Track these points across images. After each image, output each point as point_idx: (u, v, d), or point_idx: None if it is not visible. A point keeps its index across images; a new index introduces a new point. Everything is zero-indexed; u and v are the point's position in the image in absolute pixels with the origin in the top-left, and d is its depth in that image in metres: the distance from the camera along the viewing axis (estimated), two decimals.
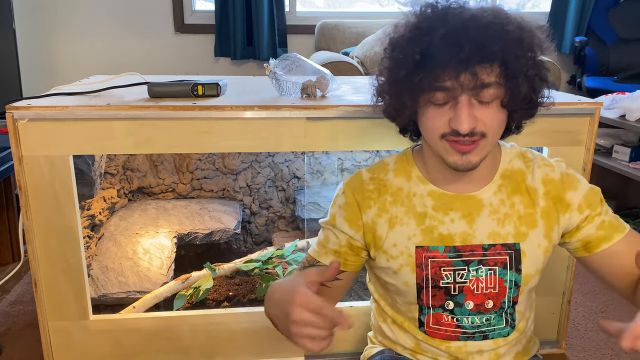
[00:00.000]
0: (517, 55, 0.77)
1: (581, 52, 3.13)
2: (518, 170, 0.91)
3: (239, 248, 2.07)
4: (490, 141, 0.81)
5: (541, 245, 0.89)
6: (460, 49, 0.73)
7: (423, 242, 0.89)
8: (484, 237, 0.88)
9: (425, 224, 0.89)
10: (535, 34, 0.80)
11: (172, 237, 1.77)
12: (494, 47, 0.74)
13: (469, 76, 0.75)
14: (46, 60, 3.12)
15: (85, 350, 1.33)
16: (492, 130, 0.80)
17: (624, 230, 0.90)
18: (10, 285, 1.86)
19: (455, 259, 0.88)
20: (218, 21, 3.10)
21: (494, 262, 0.88)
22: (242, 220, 2.00)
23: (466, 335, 0.91)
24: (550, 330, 1.47)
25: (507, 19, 0.78)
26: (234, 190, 2.03)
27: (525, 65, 0.78)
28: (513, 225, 0.89)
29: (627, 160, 1.94)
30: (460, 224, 0.88)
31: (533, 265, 0.89)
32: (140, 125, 1.19)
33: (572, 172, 0.92)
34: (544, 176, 0.90)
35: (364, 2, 3.45)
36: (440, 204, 0.89)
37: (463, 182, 0.89)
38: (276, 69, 1.32)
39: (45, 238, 1.24)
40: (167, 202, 1.95)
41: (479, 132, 0.78)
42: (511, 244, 0.88)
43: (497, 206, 0.89)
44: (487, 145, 0.81)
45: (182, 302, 1.57)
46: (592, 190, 0.91)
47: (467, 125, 0.76)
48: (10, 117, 1.15)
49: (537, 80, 0.81)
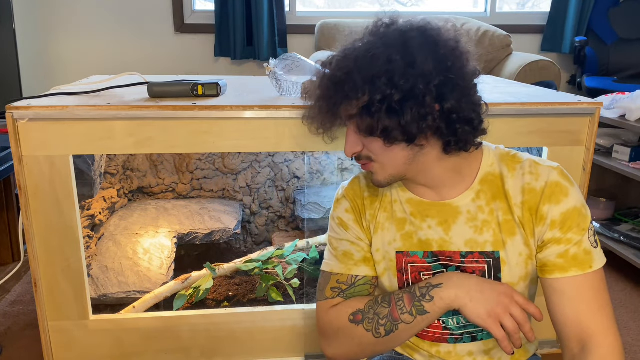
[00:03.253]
0: (379, 88, 0.77)
1: (581, 52, 3.13)
2: (499, 174, 0.87)
3: (239, 248, 2.07)
4: (384, 164, 0.84)
5: (523, 253, 0.86)
6: (328, 91, 0.83)
7: (403, 248, 0.90)
8: (461, 245, 0.87)
9: (404, 230, 0.90)
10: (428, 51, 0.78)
11: (172, 237, 1.76)
12: (352, 84, 0.79)
13: (343, 109, 0.83)
14: (46, 60, 3.12)
15: (85, 350, 1.33)
16: (377, 155, 0.84)
17: (585, 269, 0.81)
18: (10, 285, 1.86)
19: (434, 264, 0.88)
20: (218, 21, 3.10)
21: (472, 270, 0.87)
22: (242, 220, 2.00)
23: (454, 337, 0.90)
24: (550, 330, 1.47)
25: (388, 48, 0.78)
26: (234, 190, 2.03)
27: (391, 92, 0.77)
28: (492, 232, 0.86)
29: (627, 160, 1.94)
30: (437, 230, 0.88)
31: (514, 274, 0.86)
32: (140, 125, 1.19)
33: (566, 183, 0.84)
34: (525, 185, 0.85)
35: (364, 2, 3.45)
36: (417, 210, 0.89)
37: (438, 189, 0.88)
38: (276, 69, 1.32)
39: (45, 238, 1.24)
40: (167, 202, 1.95)
41: (364, 156, 0.85)
42: (489, 252, 0.86)
43: (475, 213, 0.87)
44: (383, 167, 0.85)
45: (182, 302, 1.57)
46: (577, 212, 0.83)
47: (347, 151, 0.85)
48: (10, 117, 1.15)
49: (407, 111, 0.77)
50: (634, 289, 1.90)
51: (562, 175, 0.85)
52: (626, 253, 1.91)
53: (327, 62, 0.85)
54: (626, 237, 1.99)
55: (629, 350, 1.54)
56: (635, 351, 1.53)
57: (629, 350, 1.54)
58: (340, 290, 0.93)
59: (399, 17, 0.83)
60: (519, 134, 1.30)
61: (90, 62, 3.14)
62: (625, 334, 1.61)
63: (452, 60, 0.79)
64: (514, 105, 1.28)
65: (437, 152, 0.84)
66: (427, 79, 0.77)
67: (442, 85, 0.78)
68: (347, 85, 0.79)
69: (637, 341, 1.58)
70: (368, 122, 0.79)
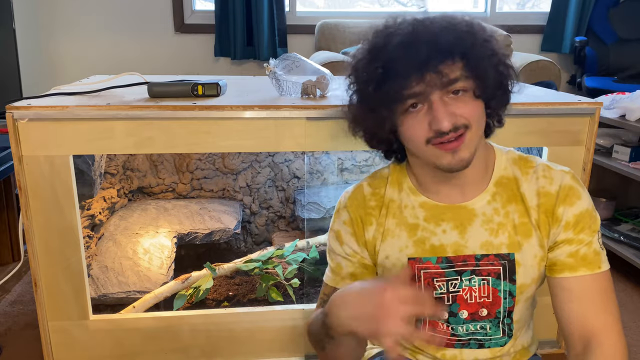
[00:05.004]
0: (473, 44, 0.78)
1: (581, 52, 3.13)
2: (513, 178, 0.88)
3: (239, 248, 2.07)
4: (475, 132, 0.80)
5: (537, 255, 0.87)
6: (417, 51, 0.74)
7: (415, 254, 0.88)
8: (477, 248, 0.87)
9: (417, 236, 0.89)
10: (483, 26, 0.82)
11: (172, 237, 1.76)
12: (449, 42, 0.76)
13: (434, 76, 0.76)
14: (46, 60, 3.12)
15: (85, 350, 1.33)
16: (473, 120, 0.79)
17: (594, 269, 0.83)
18: (10, 285, 1.86)
19: (448, 270, 0.88)
20: (218, 21, 3.10)
21: (487, 273, 0.87)
22: (242, 220, 1.99)
23: (461, 343, 0.90)
24: (550, 330, 1.47)
25: (454, 19, 0.81)
26: (234, 190, 2.03)
27: (485, 53, 0.79)
28: (507, 235, 0.86)
29: (627, 160, 1.93)
30: (452, 234, 0.87)
31: (528, 276, 0.87)
32: (140, 125, 1.19)
33: (578, 187, 0.87)
34: (540, 188, 0.87)
35: (364, 2, 3.45)
36: (431, 215, 0.88)
37: (455, 192, 0.87)
38: (276, 69, 1.32)
39: (45, 238, 1.24)
40: (167, 202, 1.95)
41: (461, 125, 0.78)
42: (505, 254, 0.86)
43: (491, 215, 0.87)
44: (473, 138, 0.80)
45: (182, 302, 1.57)
46: (588, 214, 0.86)
47: (447, 122, 0.76)
48: (10, 117, 1.15)
49: (501, 65, 0.81)
50: (634, 289, 1.90)
51: (574, 179, 0.87)
52: (626, 253, 1.91)
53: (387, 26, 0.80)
54: (626, 237, 1.99)
55: (629, 350, 1.54)
56: (635, 351, 1.53)
57: (629, 351, 1.53)
58: (323, 301, 0.94)
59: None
60: (519, 134, 1.30)
61: (90, 62, 3.13)
62: (625, 334, 1.60)
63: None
64: (514, 105, 1.27)
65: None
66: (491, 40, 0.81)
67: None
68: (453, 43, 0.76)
69: (637, 341, 1.58)
70: (480, 76, 0.78)
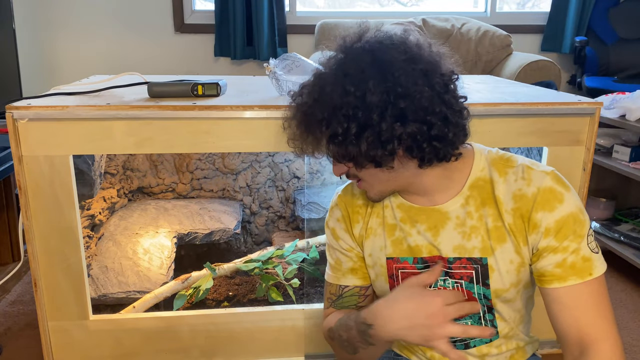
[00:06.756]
0: (330, 123, 0.77)
1: (581, 52, 3.13)
2: (489, 179, 0.85)
3: (239, 248, 2.07)
4: (370, 183, 0.84)
5: (514, 261, 0.83)
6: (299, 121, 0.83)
7: (393, 254, 0.90)
8: (449, 250, 0.86)
9: (395, 236, 0.90)
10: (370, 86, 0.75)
11: (172, 237, 1.76)
12: (313, 118, 0.79)
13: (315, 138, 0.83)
14: (46, 60, 3.12)
15: (85, 350, 1.33)
16: (363, 175, 0.83)
17: (585, 277, 0.79)
18: (10, 285, 1.86)
19: (423, 270, 0.88)
20: (218, 21, 3.10)
21: (460, 276, 0.86)
22: (242, 220, 1.99)
23: None
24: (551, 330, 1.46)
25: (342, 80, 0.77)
26: (234, 190, 2.03)
27: (341, 130, 0.76)
28: (480, 238, 0.84)
29: (627, 160, 1.93)
30: (426, 236, 0.88)
31: (505, 281, 0.84)
32: (140, 125, 1.19)
33: (560, 188, 0.80)
34: (516, 191, 0.82)
35: (364, 2, 3.45)
36: (407, 216, 0.89)
37: (428, 195, 0.87)
38: (276, 69, 1.32)
39: (45, 238, 1.24)
40: (167, 202, 1.95)
41: (352, 175, 0.85)
42: (477, 259, 0.85)
43: (464, 219, 0.85)
44: (371, 185, 0.85)
45: (182, 302, 1.57)
46: (573, 218, 0.79)
47: (335, 173, 0.86)
48: (10, 117, 1.15)
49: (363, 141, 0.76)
50: (634, 289, 1.90)
51: (555, 180, 0.81)
52: (626, 253, 1.91)
53: (297, 94, 0.85)
54: (626, 237, 1.99)
55: (629, 350, 1.54)
56: (635, 351, 1.53)
57: (629, 351, 1.53)
58: (332, 301, 0.98)
59: (367, 29, 0.81)
60: (519, 134, 1.30)
61: (90, 62, 3.13)
62: (625, 334, 1.61)
63: (414, 80, 0.75)
64: (514, 105, 1.28)
65: (415, 167, 0.81)
66: (382, 107, 0.74)
67: (400, 110, 0.75)
68: (313, 119, 0.80)
69: (637, 341, 1.58)
70: (335, 150, 0.80)
